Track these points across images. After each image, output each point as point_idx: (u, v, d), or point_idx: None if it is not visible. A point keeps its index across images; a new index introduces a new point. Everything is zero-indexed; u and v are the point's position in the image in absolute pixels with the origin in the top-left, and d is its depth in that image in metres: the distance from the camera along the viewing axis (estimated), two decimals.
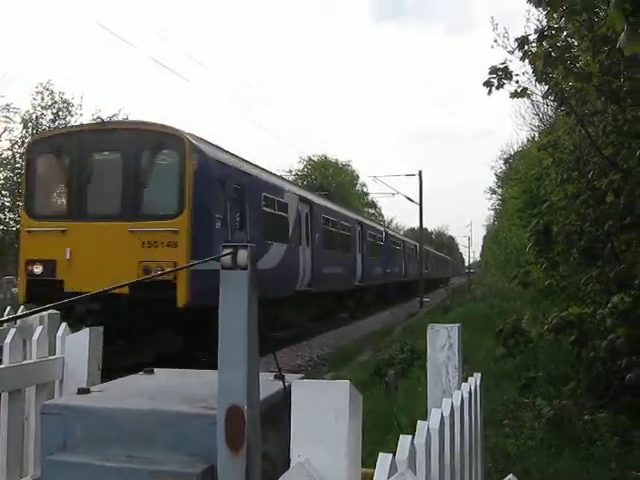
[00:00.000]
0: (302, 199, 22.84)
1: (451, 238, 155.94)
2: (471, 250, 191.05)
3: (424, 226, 50.30)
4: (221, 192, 14.66)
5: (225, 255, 1.98)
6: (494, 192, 61.52)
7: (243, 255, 1.98)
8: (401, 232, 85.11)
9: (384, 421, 6.52)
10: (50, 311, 5.39)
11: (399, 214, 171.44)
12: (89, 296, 1.99)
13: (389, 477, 1.47)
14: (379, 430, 6.07)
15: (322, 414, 1.54)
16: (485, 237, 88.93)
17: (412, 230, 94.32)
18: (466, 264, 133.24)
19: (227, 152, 16.68)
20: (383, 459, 1.54)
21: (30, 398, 3.48)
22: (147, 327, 12.81)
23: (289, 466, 1.64)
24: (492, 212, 65.50)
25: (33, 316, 5.27)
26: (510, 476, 1.79)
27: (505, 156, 50.74)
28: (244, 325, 1.96)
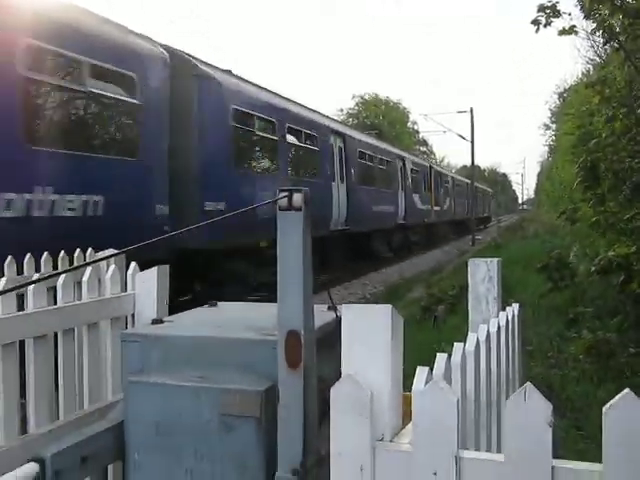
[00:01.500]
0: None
1: (504, 175, 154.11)
2: (525, 187, 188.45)
3: (476, 164, 49.46)
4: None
5: (281, 198, 2.23)
6: (548, 128, 60.56)
7: (298, 198, 2.23)
8: (453, 170, 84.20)
9: (432, 352, 6.77)
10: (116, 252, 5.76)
11: (451, 152, 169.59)
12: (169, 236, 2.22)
13: (425, 385, 1.73)
14: (427, 361, 6.33)
15: (367, 333, 1.80)
16: (539, 174, 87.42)
17: (465, 168, 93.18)
18: (519, 201, 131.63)
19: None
20: (421, 371, 1.80)
21: (105, 331, 3.82)
22: None
23: None
24: (546, 148, 64.56)
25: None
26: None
27: (560, 90, 49.79)
28: (300, 261, 2.22)
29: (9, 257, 4.86)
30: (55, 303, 3.58)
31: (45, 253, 4.93)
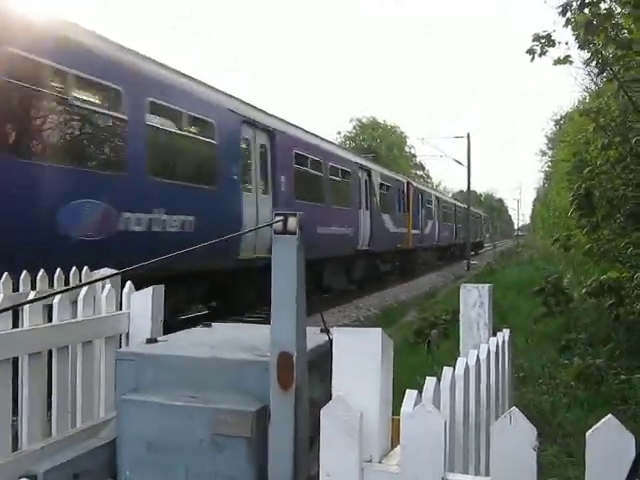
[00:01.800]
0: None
1: (500, 201, 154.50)
2: (520, 213, 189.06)
3: (473, 188, 49.65)
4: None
5: (277, 222, 2.28)
6: (544, 154, 60.94)
7: (293, 222, 2.28)
8: (449, 194, 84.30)
9: (424, 376, 6.80)
10: (112, 272, 5.79)
11: (448, 177, 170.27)
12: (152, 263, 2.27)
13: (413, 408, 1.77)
14: (419, 385, 6.37)
15: (358, 356, 1.84)
16: (535, 200, 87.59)
17: (461, 192, 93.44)
18: (515, 227, 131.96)
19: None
20: (410, 394, 1.84)
21: (100, 349, 3.85)
22: None
23: None
24: (542, 175, 64.89)
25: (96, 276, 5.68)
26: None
27: (556, 117, 50.17)
28: (293, 283, 2.27)
29: (5, 274, 4.89)
30: (50, 320, 3.61)
31: (41, 271, 4.95)
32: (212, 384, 2.70)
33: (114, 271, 5.84)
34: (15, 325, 3.53)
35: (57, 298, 3.57)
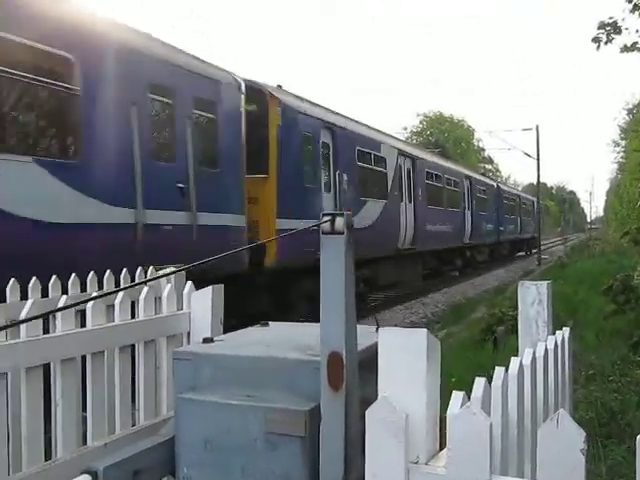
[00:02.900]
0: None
1: (572, 193, 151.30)
2: (593, 205, 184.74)
3: (543, 181, 48.49)
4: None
5: (324, 222, 2.29)
6: (617, 145, 59.41)
7: (340, 222, 2.28)
8: (519, 188, 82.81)
9: (488, 374, 6.72)
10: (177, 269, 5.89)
11: (517, 169, 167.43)
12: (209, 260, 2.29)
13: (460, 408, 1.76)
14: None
15: (404, 356, 1.83)
16: (608, 192, 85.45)
17: (531, 185, 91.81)
18: (588, 220, 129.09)
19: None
20: (456, 394, 1.83)
21: (161, 348, 3.93)
22: None
23: None
24: (615, 166, 63.26)
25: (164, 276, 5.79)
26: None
27: (629, 107, 48.85)
28: (342, 283, 2.27)
29: (73, 275, 5.03)
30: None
31: (91, 272, 5.11)
32: (266, 383, 2.72)
33: (176, 269, 5.96)
34: (80, 326, 3.64)
35: (119, 297, 3.65)
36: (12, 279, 4.65)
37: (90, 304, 3.44)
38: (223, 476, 2.74)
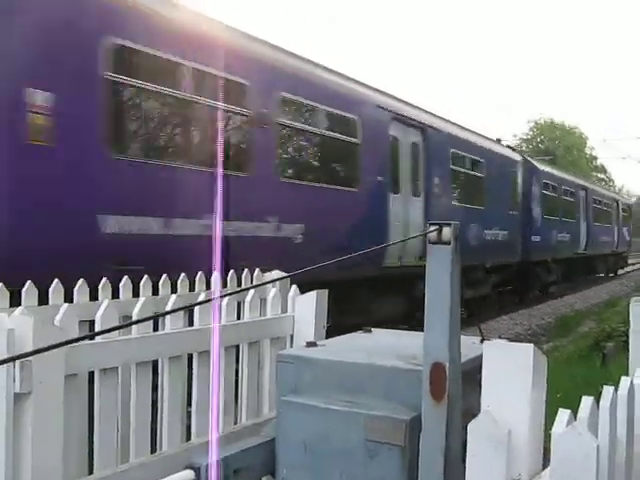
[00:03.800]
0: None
1: None
2: None
3: None
4: None
5: (431, 232, 2.28)
6: None
7: (447, 232, 2.27)
8: (633, 199, 79.59)
9: (593, 392, 6.50)
10: (282, 274, 5.99)
11: (632, 179, 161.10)
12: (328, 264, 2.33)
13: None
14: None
15: (508, 371, 1.81)
16: None
17: None
18: None
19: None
20: (562, 413, 1.78)
21: (265, 349, 3.99)
22: None
23: None
24: None
25: (267, 278, 5.90)
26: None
27: None
28: (447, 293, 2.25)
29: (182, 275, 5.21)
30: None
31: (182, 274, 5.31)
32: (367, 390, 2.73)
33: (282, 274, 6.06)
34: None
35: (225, 300, 3.74)
36: (125, 277, 4.86)
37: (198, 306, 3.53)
38: None
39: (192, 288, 5.33)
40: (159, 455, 3.23)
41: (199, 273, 5.32)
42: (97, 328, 3.11)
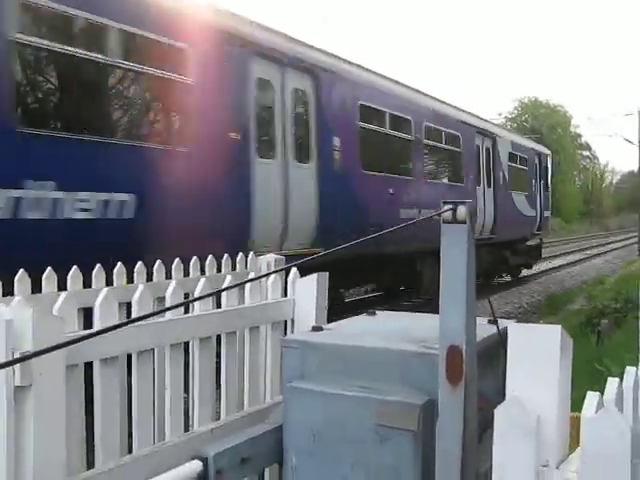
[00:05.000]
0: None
1: None
2: None
3: None
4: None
5: (446, 211, 2.20)
6: None
7: (462, 210, 2.19)
8: (618, 176, 79.88)
9: (592, 370, 6.50)
10: (278, 257, 5.93)
11: (617, 157, 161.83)
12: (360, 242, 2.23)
13: (596, 412, 1.65)
14: (587, 378, 6.09)
15: (535, 355, 1.74)
16: None
17: (631, 173, 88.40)
18: None
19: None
20: (591, 397, 1.72)
21: (266, 334, 3.92)
22: None
23: (501, 402, 1.87)
24: None
25: (263, 262, 5.83)
26: None
27: None
28: (463, 274, 2.18)
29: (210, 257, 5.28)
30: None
31: (157, 261, 5.33)
32: (377, 375, 2.66)
33: (278, 257, 6.00)
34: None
35: (226, 284, 3.66)
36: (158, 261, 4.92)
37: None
38: (331, 467, 2.71)
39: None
40: (162, 445, 3.15)
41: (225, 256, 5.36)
42: (134, 311, 3.08)
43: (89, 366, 2.91)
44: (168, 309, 2.87)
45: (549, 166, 25.67)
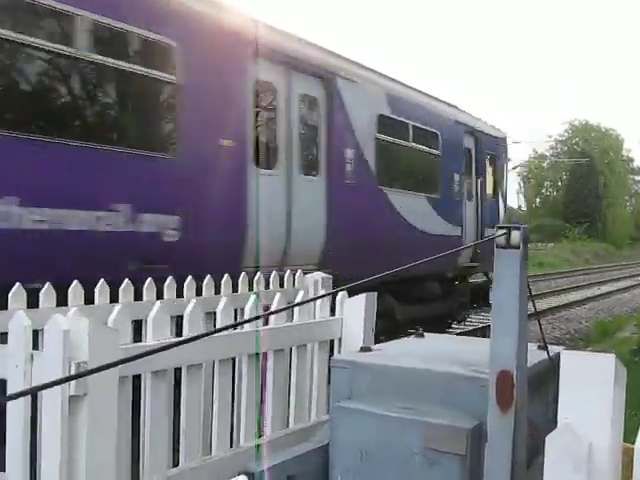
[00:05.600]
0: None
1: None
2: None
3: None
4: None
5: (500, 236, 2.20)
6: None
7: (516, 235, 2.19)
8: None
9: None
10: (325, 276, 5.94)
11: None
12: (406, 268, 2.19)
13: None
14: (638, 408, 5.96)
15: (588, 383, 1.73)
16: None
17: None
18: None
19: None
20: None
21: (313, 353, 3.93)
22: None
23: (551, 429, 1.85)
24: None
25: (309, 280, 5.85)
26: None
27: None
28: (516, 299, 2.18)
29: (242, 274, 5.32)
30: None
31: (207, 276, 5.38)
32: (426, 397, 2.66)
33: (325, 275, 6.02)
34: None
35: (275, 302, 3.69)
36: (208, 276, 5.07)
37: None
38: None
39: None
40: (209, 459, 3.19)
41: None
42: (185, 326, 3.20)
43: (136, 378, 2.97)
44: (241, 323, 2.91)
45: (505, 158, 16.55)
